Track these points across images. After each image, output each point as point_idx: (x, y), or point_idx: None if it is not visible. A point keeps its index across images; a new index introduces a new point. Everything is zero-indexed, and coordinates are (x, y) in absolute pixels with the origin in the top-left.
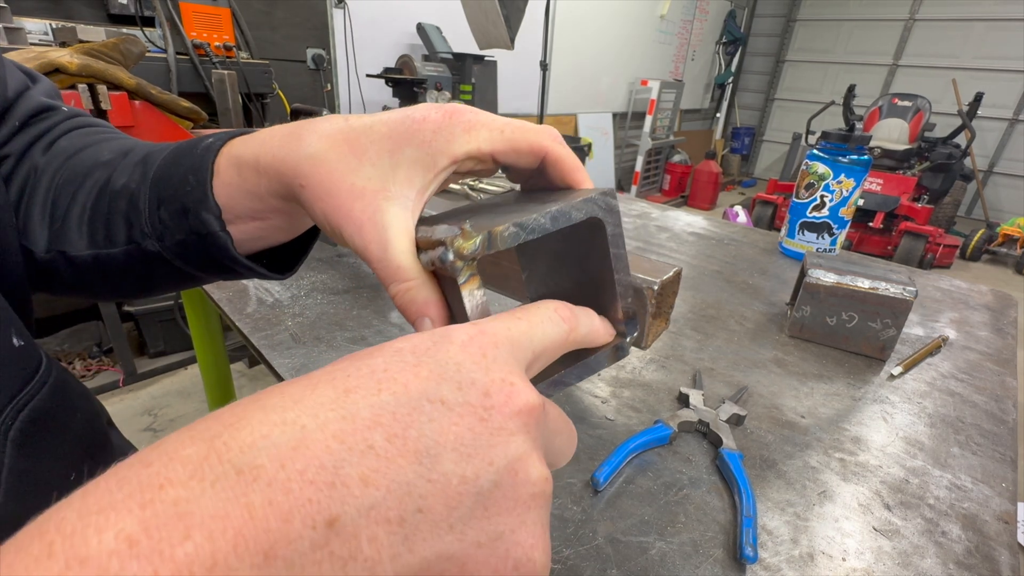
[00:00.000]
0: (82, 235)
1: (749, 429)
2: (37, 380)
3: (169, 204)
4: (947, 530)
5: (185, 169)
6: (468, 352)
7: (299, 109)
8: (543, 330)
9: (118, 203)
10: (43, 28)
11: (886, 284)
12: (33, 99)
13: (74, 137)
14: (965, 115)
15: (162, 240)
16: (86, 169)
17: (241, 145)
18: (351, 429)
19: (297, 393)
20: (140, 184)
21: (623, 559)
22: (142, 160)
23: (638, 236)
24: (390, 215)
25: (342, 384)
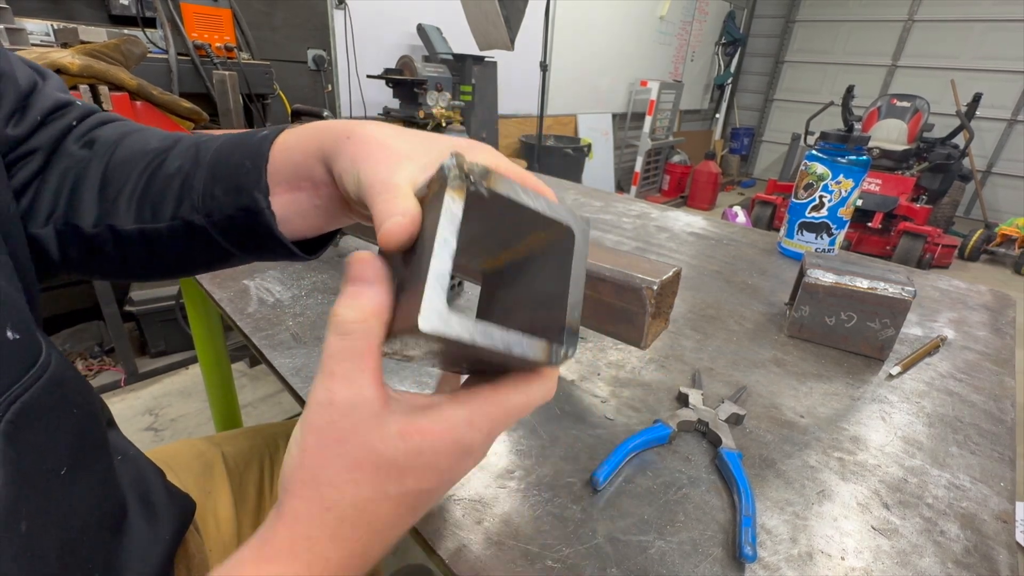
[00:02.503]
0: (130, 211)
1: (748, 428)
2: (31, 375)
3: (225, 182)
4: (946, 529)
5: (243, 154)
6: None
7: (300, 110)
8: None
9: (172, 183)
10: (44, 29)
11: (885, 284)
12: (50, 95)
13: (109, 129)
14: (964, 116)
15: (210, 216)
16: (136, 155)
17: (292, 137)
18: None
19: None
20: (194, 166)
21: (622, 558)
22: (194, 147)
23: (637, 236)
24: (406, 167)
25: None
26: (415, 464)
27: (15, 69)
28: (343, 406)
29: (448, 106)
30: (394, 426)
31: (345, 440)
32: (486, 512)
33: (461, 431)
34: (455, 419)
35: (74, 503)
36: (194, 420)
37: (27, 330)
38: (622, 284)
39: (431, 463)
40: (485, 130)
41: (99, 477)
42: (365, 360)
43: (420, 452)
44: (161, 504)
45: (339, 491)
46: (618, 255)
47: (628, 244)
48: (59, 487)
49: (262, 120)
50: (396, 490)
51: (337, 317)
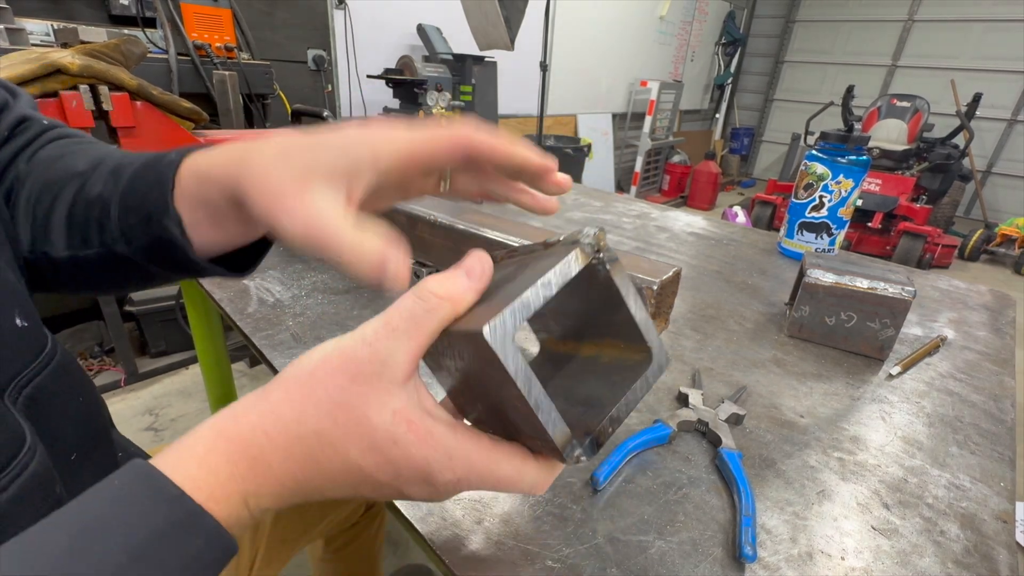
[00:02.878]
0: (61, 238)
1: (748, 428)
2: (40, 360)
3: (135, 213)
4: (946, 529)
5: (150, 182)
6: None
7: (300, 110)
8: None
9: (92, 210)
10: (44, 29)
11: (885, 284)
12: (15, 112)
13: (52, 148)
14: (964, 116)
15: (130, 244)
16: (63, 178)
17: (199, 158)
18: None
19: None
20: (112, 193)
21: (623, 558)
22: (114, 171)
23: (637, 236)
24: (316, 199)
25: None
26: (384, 449)
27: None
28: (375, 353)
29: (448, 106)
30: (397, 403)
31: (355, 379)
32: (486, 512)
33: (437, 458)
34: (439, 440)
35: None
36: (194, 420)
37: (34, 319)
38: None
39: (395, 459)
40: None
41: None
42: (419, 330)
43: (395, 442)
44: None
45: (317, 417)
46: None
47: (628, 244)
48: (69, 474)
49: (263, 121)
50: (356, 457)
51: (425, 284)
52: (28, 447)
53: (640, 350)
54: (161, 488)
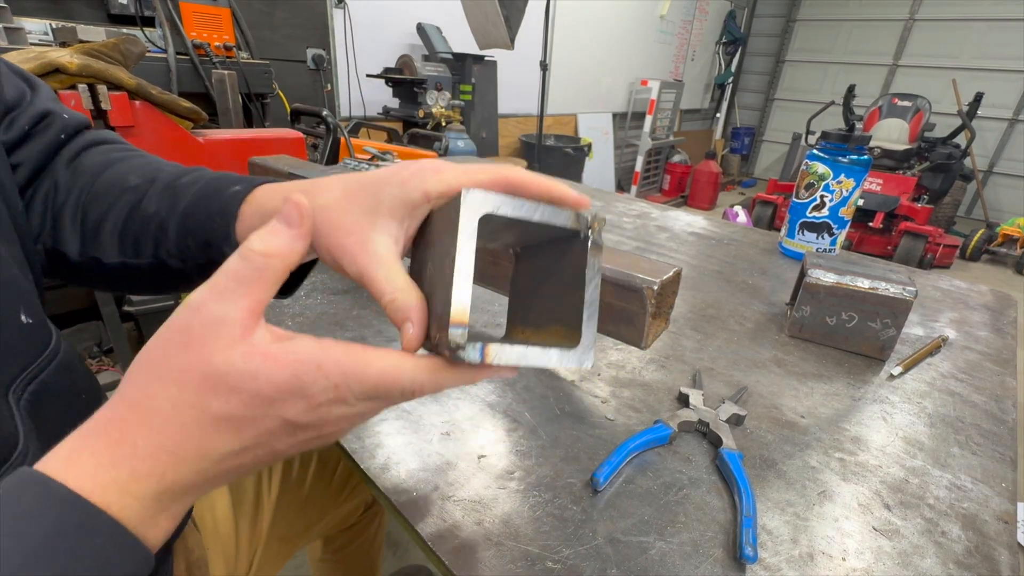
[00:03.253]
0: (113, 246)
1: (749, 429)
2: (45, 357)
3: (195, 236)
4: (947, 530)
5: (213, 211)
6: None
7: (299, 109)
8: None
9: (148, 226)
10: (43, 28)
11: (886, 284)
12: (36, 106)
13: (95, 155)
14: (965, 115)
15: (185, 262)
16: (114, 190)
17: (264, 195)
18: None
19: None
20: (169, 214)
21: (623, 559)
22: (170, 190)
23: (638, 236)
24: (377, 243)
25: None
26: (245, 387)
27: (1, 78)
28: (206, 317)
29: (448, 105)
30: (242, 348)
31: (190, 345)
32: (486, 513)
33: (303, 368)
34: (304, 354)
35: None
36: None
37: (39, 315)
38: (622, 284)
39: (261, 390)
40: (485, 130)
41: None
42: (251, 289)
43: (255, 376)
44: None
45: (163, 387)
46: (618, 255)
47: (628, 244)
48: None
49: (262, 120)
50: (220, 407)
51: (248, 243)
52: (20, 450)
53: (575, 339)
54: (51, 491)
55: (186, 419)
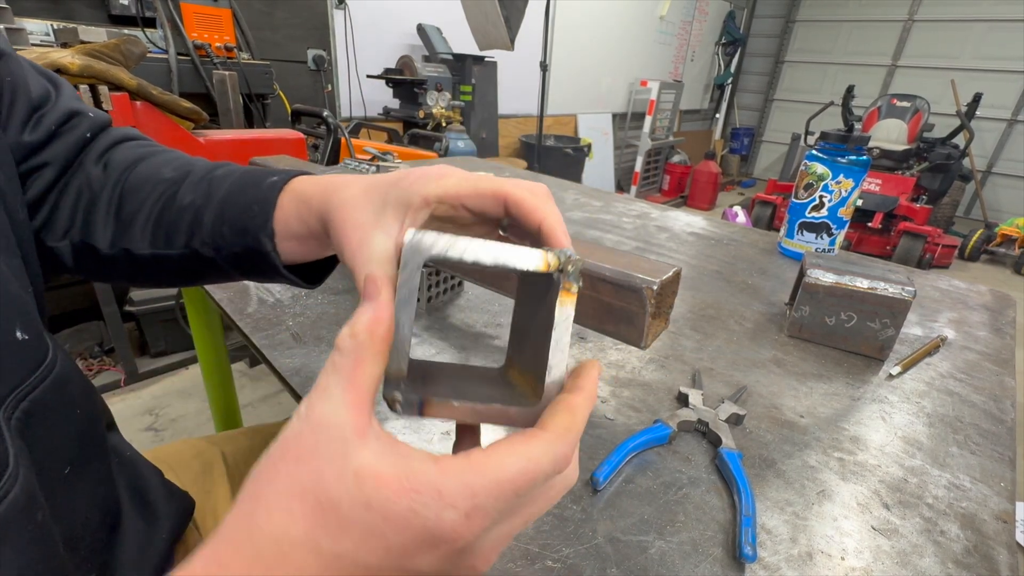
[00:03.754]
0: (145, 237)
1: (748, 429)
2: (38, 375)
3: (232, 224)
4: (946, 529)
5: (251, 199)
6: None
7: (300, 110)
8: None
9: (184, 215)
10: (44, 29)
11: (885, 284)
12: (62, 105)
13: (125, 150)
14: (964, 116)
15: (219, 251)
16: (150, 183)
17: (302, 184)
18: None
19: None
20: (205, 203)
21: (623, 558)
22: (204, 181)
23: (637, 236)
24: (374, 240)
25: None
26: (359, 519)
27: (28, 77)
28: (314, 421)
29: (448, 106)
30: (356, 462)
31: (300, 458)
32: None
33: (424, 501)
34: (424, 481)
35: (75, 503)
36: (194, 420)
37: (35, 331)
38: (622, 284)
39: (376, 529)
40: (485, 130)
41: (98, 478)
42: (351, 378)
43: (368, 507)
44: (159, 503)
45: (269, 519)
46: (618, 255)
47: (628, 244)
48: (62, 486)
49: (262, 120)
50: (328, 547)
51: (338, 336)
52: (10, 473)
53: (536, 392)
54: None
55: (292, 568)
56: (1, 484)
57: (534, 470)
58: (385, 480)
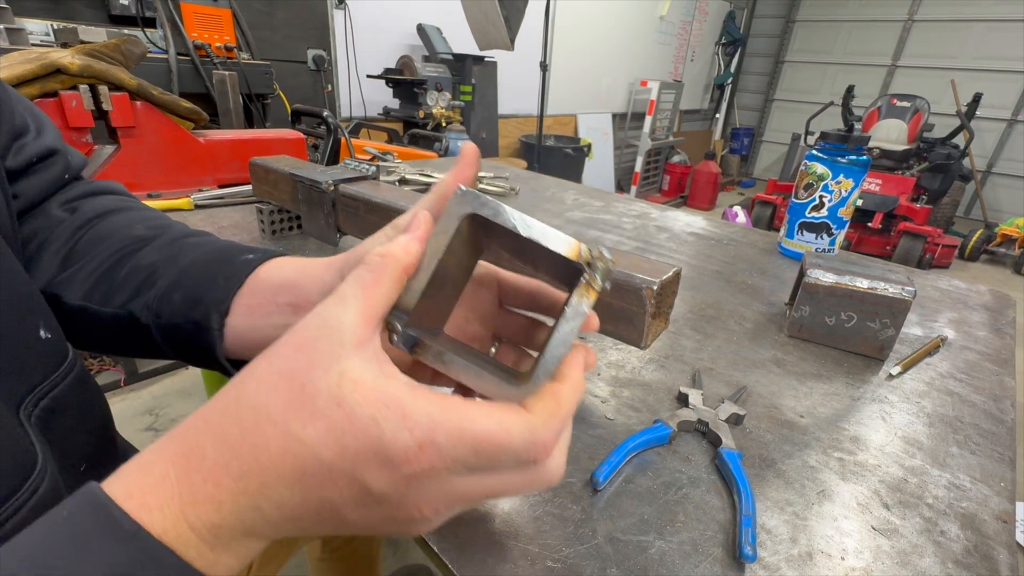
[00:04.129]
0: (82, 287)
1: (748, 429)
2: (60, 372)
3: (188, 291)
4: (946, 529)
5: (219, 272)
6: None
7: (300, 110)
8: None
9: (135, 275)
10: (44, 29)
11: (885, 284)
12: (43, 141)
13: (99, 201)
14: (964, 116)
15: (159, 317)
16: (114, 236)
17: (273, 267)
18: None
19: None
20: (167, 266)
21: (622, 558)
22: (174, 244)
23: (637, 236)
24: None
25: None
26: (329, 413)
27: (13, 104)
28: (322, 319)
29: (448, 106)
30: (346, 365)
31: (301, 348)
32: (486, 512)
33: (387, 415)
34: (395, 399)
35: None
36: None
37: (57, 330)
38: (622, 284)
39: (339, 424)
40: (485, 130)
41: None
42: (368, 291)
43: (339, 403)
44: None
45: (257, 390)
46: (618, 255)
47: (628, 244)
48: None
49: (262, 120)
50: (296, 430)
51: (370, 250)
52: (39, 470)
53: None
54: (114, 522)
55: (260, 439)
56: (32, 479)
57: (502, 439)
58: (362, 386)
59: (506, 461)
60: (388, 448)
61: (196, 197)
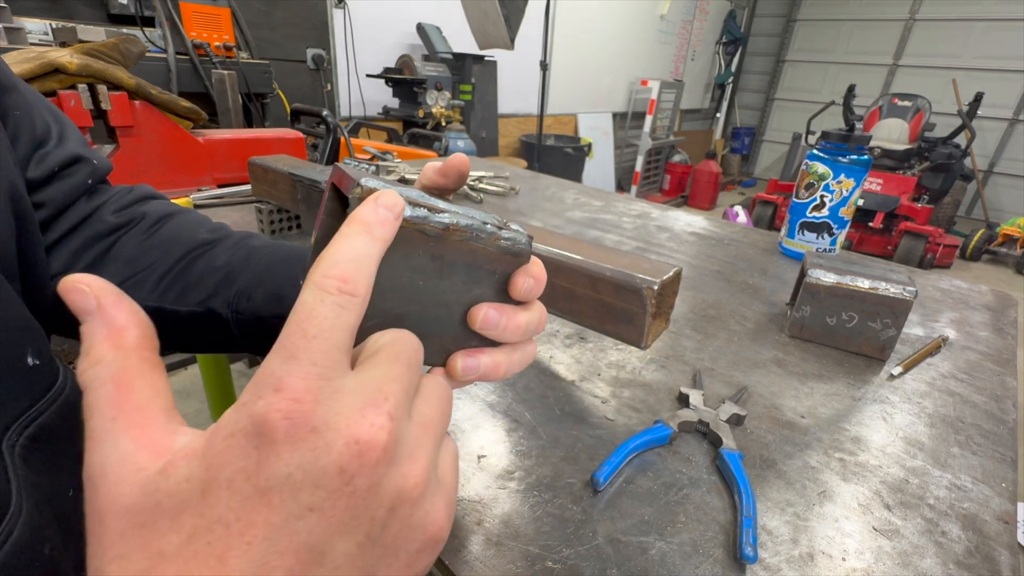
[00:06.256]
0: (155, 290)
1: (749, 429)
2: (46, 399)
3: (267, 288)
4: (947, 530)
5: (297, 270)
6: (299, 445)
7: (299, 109)
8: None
9: (210, 276)
10: (43, 28)
11: (886, 284)
12: (66, 148)
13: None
14: (965, 115)
15: (240, 313)
16: (180, 239)
17: None
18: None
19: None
20: (242, 266)
21: (623, 559)
22: (242, 246)
23: (638, 236)
24: None
25: (209, 550)
26: (187, 496)
27: (34, 112)
28: (95, 474)
29: (448, 105)
30: (159, 468)
31: (105, 515)
32: (486, 512)
33: (234, 416)
34: (229, 412)
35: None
36: (193, 420)
37: (47, 355)
38: (622, 284)
39: (207, 482)
40: (485, 129)
41: None
42: (113, 408)
43: (188, 478)
44: None
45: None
46: (618, 255)
47: (628, 244)
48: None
49: (261, 120)
50: (175, 540)
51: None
52: (12, 512)
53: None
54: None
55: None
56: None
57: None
58: (190, 449)
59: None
60: (266, 424)
61: (195, 197)
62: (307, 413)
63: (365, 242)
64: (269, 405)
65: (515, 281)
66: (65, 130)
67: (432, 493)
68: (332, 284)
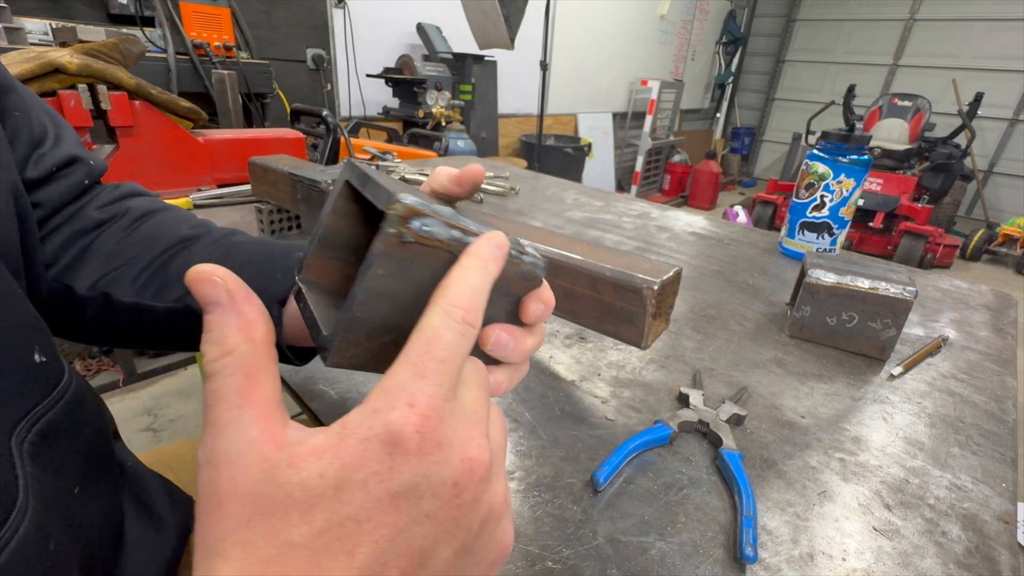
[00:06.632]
0: (133, 285)
1: (749, 429)
2: (53, 396)
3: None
4: (947, 530)
5: (277, 267)
6: (425, 458)
7: (299, 109)
8: (452, 342)
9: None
10: (43, 28)
11: (886, 284)
12: (62, 149)
13: (138, 201)
14: (965, 115)
15: None
16: (160, 235)
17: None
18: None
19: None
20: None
21: (623, 559)
22: (222, 243)
23: (638, 236)
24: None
25: (340, 545)
26: (320, 492)
27: (31, 113)
28: (219, 459)
29: (448, 105)
30: (286, 459)
31: (227, 500)
32: None
33: (369, 422)
34: (358, 416)
35: (87, 520)
36: (193, 420)
37: (52, 353)
38: (622, 284)
39: (341, 480)
40: (485, 129)
41: (106, 493)
42: (241, 397)
43: (321, 474)
44: (164, 512)
45: (229, 563)
46: (618, 255)
47: (628, 244)
48: (75, 506)
49: (261, 120)
50: (306, 531)
51: (203, 359)
52: (19, 508)
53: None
54: None
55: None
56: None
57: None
58: (322, 447)
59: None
60: (396, 433)
61: (195, 197)
62: (434, 429)
63: (481, 277)
64: (404, 418)
65: (528, 306)
66: (61, 131)
67: (508, 510)
68: (458, 314)
